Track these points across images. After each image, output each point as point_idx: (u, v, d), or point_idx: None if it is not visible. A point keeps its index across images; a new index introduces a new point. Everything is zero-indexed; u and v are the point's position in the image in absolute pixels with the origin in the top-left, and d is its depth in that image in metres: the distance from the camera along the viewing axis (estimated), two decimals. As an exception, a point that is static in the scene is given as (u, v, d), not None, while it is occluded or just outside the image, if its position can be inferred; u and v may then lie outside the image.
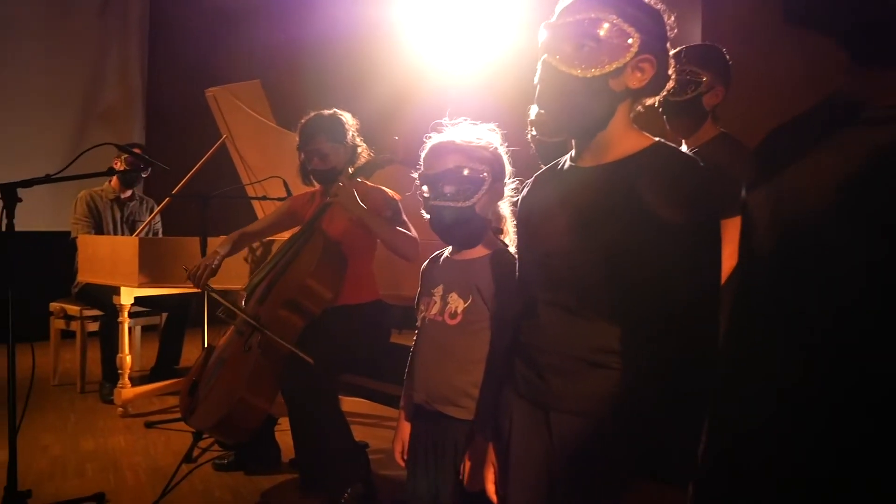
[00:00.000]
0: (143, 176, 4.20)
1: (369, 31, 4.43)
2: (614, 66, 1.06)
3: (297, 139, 2.61)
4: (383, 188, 2.60)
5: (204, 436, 2.85)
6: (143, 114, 6.05)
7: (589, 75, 1.06)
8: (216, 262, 2.52)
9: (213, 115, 3.86)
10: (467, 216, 1.44)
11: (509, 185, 1.52)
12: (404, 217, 2.48)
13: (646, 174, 1.05)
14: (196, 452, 2.90)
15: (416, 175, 1.50)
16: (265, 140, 3.70)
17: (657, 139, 1.11)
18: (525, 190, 1.28)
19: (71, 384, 4.12)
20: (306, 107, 2.70)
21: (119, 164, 4.04)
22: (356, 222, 2.49)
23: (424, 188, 1.46)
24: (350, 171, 2.58)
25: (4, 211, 2.08)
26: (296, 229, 2.65)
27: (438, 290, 1.49)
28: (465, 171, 1.41)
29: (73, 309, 4.04)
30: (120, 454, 2.97)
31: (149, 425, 3.36)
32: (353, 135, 2.59)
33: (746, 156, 1.92)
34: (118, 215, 4.20)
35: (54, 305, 4.15)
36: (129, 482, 2.67)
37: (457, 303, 1.44)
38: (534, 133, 2.27)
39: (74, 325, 4.04)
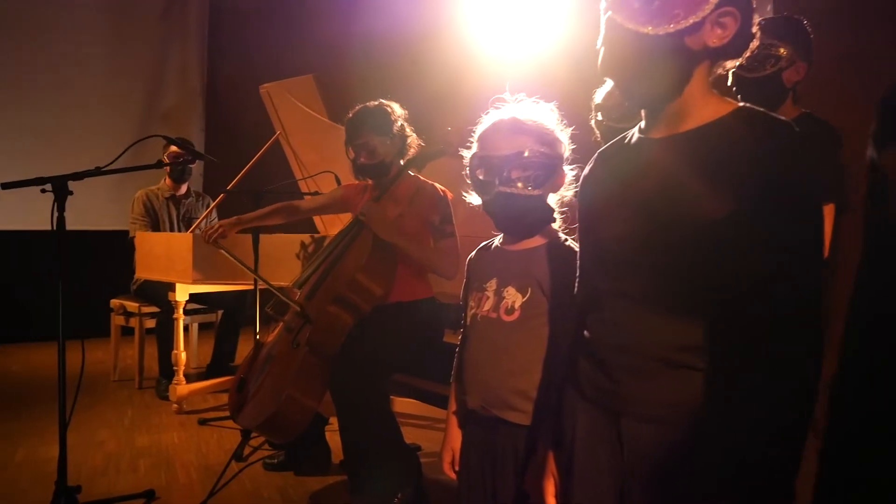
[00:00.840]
0: (191, 166, 4.19)
1: (421, 21, 4.35)
2: (691, 20, 0.92)
3: (345, 134, 2.54)
4: (436, 185, 2.50)
5: (253, 434, 2.81)
6: (203, 114, 6.14)
7: (661, 32, 0.92)
8: (229, 223, 2.60)
9: (268, 111, 3.84)
10: (536, 205, 1.32)
11: (569, 172, 1.39)
12: (453, 225, 2.39)
13: (731, 141, 0.90)
14: (247, 451, 2.86)
15: (466, 154, 1.38)
16: (318, 136, 3.65)
17: (742, 104, 0.96)
18: (587, 168, 1.14)
19: (130, 380, 4.17)
20: (360, 100, 2.63)
21: (165, 159, 4.07)
22: (407, 217, 2.41)
23: (479, 171, 1.34)
24: (401, 163, 2.50)
25: (56, 204, 2.06)
26: (346, 217, 2.58)
27: (491, 284, 1.37)
28: (536, 155, 1.28)
29: (132, 305, 4.09)
30: (173, 451, 2.96)
31: (202, 422, 3.35)
32: (401, 125, 2.50)
33: (836, 138, 1.74)
34: (174, 213, 4.24)
35: (114, 302, 4.21)
36: (181, 479, 2.64)
37: (514, 297, 1.31)
38: (599, 118, 2.13)
39: (133, 322, 4.09)
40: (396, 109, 2.52)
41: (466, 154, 1.39)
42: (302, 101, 3.65)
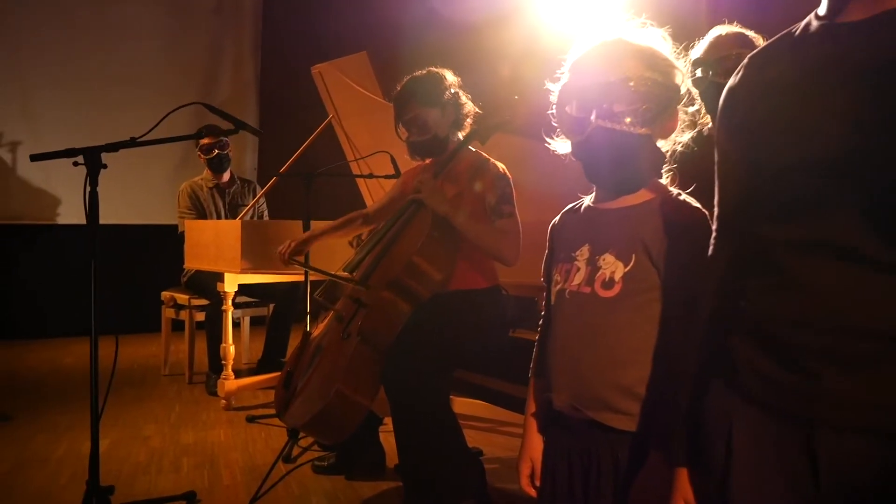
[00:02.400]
0: (228, 152, 4.04)
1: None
2: None
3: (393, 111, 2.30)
4: (497, 163, 2.24)
5: (302, 434, 2.60)
6: (257, 106, 6.03)
7: None
8: (302, 239, 2.37)
9: (320, 94, 3.65)
10: (643, 148, 1.04)
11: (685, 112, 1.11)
12: (513, 206, 2.12)
13: None
14: (296, 452, 2.66)
15: (553, 87, 1.12)
16: (372, 117, 3.44)
17: None
18: (735, 78, 0.85)
19: (181, 374, 4.05)
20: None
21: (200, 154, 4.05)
22: (465, 197, 2.17)
23: (570, 105, 1.07)
24: (460, 136, 2.25)
25: (88, 178, 1.89)
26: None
27: (583, 252, 1.09)
28: (646, 84, 1.00)
29: (182, 298, 3.96)
30: (218, 449, 2.78)
31: (250, 420, 3.17)
32: (454, 92, 2.24)
33: None
34: (220, 202, 4.11)
35: (165, 294, 4.10)
36: (224, 481, 2.45)
37: (613, 266, 1.04)
38: (699, 74, 1.85)
39: (184, 315, 3.97)
40: (448, 76, 2.26)
41: (554, 87, 1.12)
42: (355, 81, 3.45)
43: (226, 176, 4.13)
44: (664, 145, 1.09)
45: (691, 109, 1.10)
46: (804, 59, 0.75)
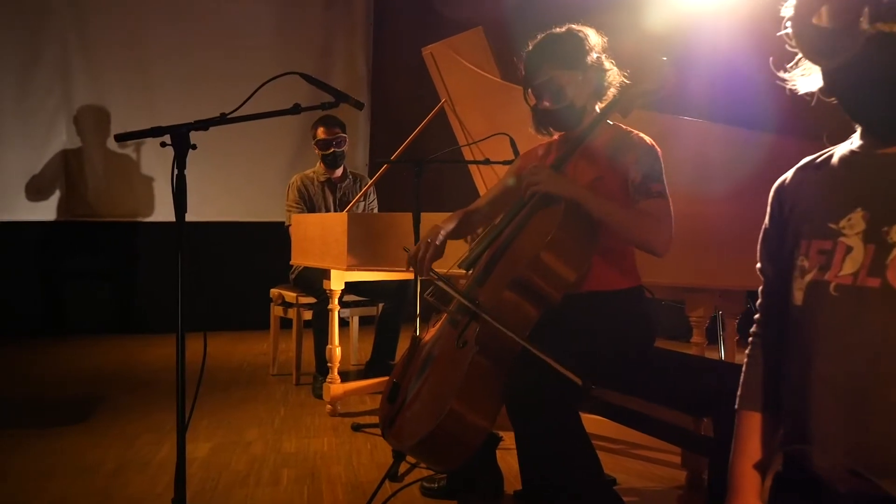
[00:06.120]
0: (344, 149, 3.87)
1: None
2: None
3: (522, 73, 1.95)
4: (642, 135, 1.86)
5: (409, 452, 2.32)
6: (369, 100, 5.89)
7: None
8: (440, 239, 1.93)
9: (431, 77, 3.38)
10: None
11: None
12: (663, 184, 1.74)
13: None
14: (402, 468, 2.39)
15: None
16: (488, 100, 3.13)
17: None
18: None
19: (289, 374, 3.92)
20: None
21: (321, 132, 3.88)
22: (607, 180, 1.81)
23: (819, 15, 0.70)
24: (597, 108, 1.90)
25: (176, 160, 1.69)
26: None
27: (853, 222, 0.72)
28: None
29: (290, 295, 3.83)
30: (320, 461, 2.55)
31: (356, 428, 2.94)
32: (597, 56, 1.88)
33: None
34: (330, 198, 3.95)
35: (273, 292, 3.98)
36: (325, 499, 2.21)
37: None
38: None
39: (292, 313, 3.83)
40: (591, 37, 1.90)
41: None
42: (469, 60, 3.15)
43: (338, 171, 3.96)
44: None
45: None
46: None
